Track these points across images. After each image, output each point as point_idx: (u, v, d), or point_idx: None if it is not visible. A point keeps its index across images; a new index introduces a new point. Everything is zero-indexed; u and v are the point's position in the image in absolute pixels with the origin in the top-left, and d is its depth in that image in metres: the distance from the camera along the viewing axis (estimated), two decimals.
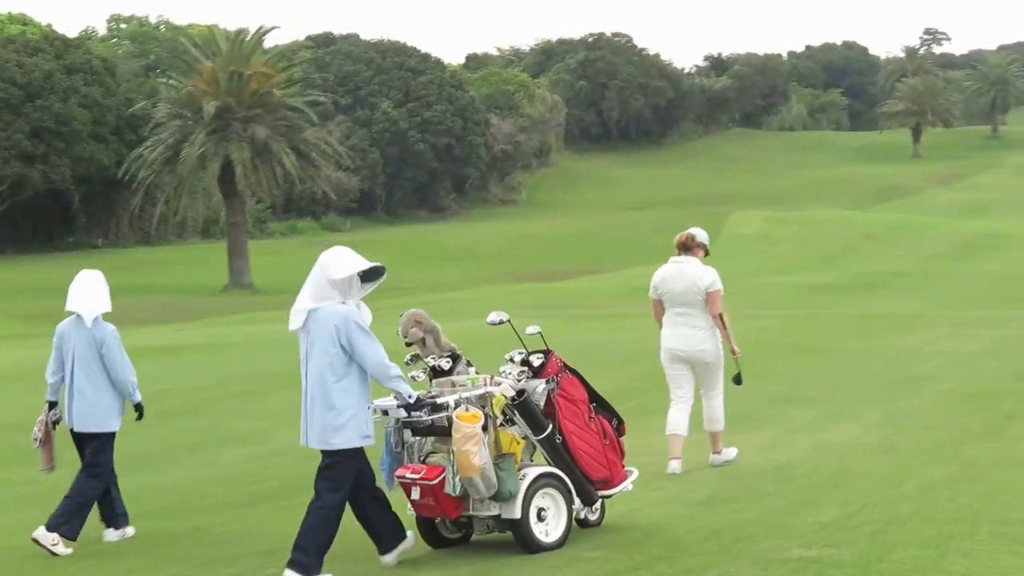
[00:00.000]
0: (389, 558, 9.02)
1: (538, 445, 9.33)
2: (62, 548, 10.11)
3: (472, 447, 8.57)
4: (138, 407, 10.79)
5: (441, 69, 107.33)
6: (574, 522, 9.36)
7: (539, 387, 9.32)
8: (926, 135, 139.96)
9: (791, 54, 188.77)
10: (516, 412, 9.17)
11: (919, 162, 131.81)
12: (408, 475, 8.98)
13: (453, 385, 9.28)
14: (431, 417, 8.81)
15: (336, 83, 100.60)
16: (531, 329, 9.64)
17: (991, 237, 68.68)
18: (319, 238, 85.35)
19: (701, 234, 12.28)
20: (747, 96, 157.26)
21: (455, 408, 8.84)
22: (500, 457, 8.86)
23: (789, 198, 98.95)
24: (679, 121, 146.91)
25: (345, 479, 8.68)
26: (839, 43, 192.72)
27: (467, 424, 8.64)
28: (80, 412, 10.45)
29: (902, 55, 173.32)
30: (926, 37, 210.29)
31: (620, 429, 9.89)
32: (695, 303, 12.06)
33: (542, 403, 9.29)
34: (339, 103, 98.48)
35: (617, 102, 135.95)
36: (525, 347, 9.55)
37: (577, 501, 9.36)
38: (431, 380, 9.51)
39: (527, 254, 72.29)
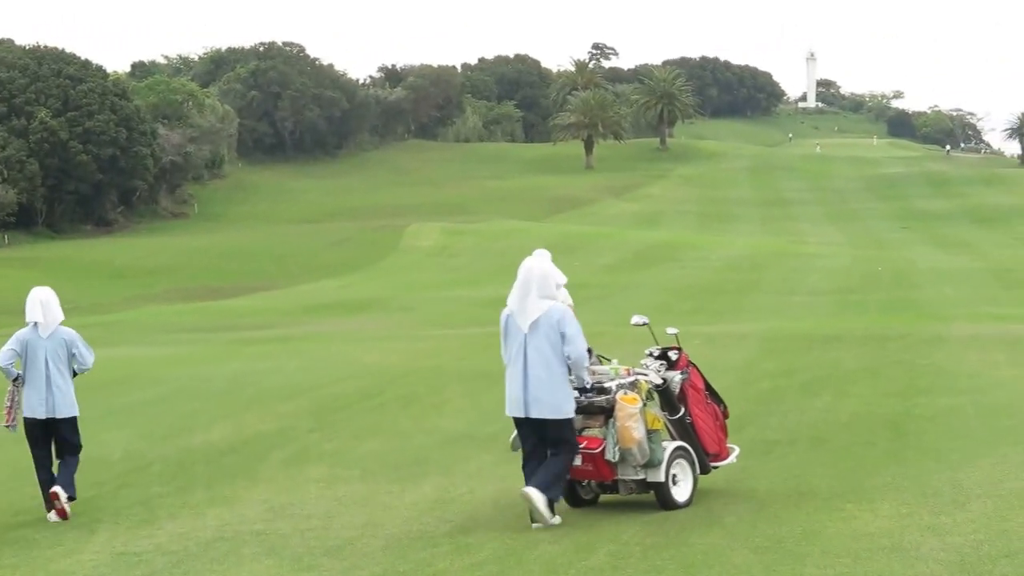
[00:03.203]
0: (536, 496, 10.53)
1: (669, 424, 11.30)
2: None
3: (633, 423, 10.60)
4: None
5: (103, 77, 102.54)
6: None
7: (676, 377, 11.30)
8: (598, 147, 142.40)
9: (465, 66, 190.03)
10: (658, 396, 11.25)
11: (592, 174, 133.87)
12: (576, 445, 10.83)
13: (594, 374, 11.12)
14: (598, 399, 10.83)
15: None
16: (671, 330, 11.79)
17: (664, 248, 69.48)
18: None
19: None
20: (422, 107, 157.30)
21: (616, 392, 10.82)
22: (650, 432, 10.79)
23: (466, 209, 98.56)
24: (354, 132, 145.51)
25: (573, 434, 10.76)
26: (512, 56, 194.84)
27: (629, 405, 10.67)
28: (60, 403, 12.55)
29: (573, 69, 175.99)
30: (595, 51, 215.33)
31: (725, 413, 11.85)
32: None
33: (677, 391, 11.26)
34: None
35: (291, 112, 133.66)
36: (656, 342, 11.73)
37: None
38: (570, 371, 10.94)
39: (196, 270, 69.26)
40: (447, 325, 36.71)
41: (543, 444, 10.82)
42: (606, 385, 10.98)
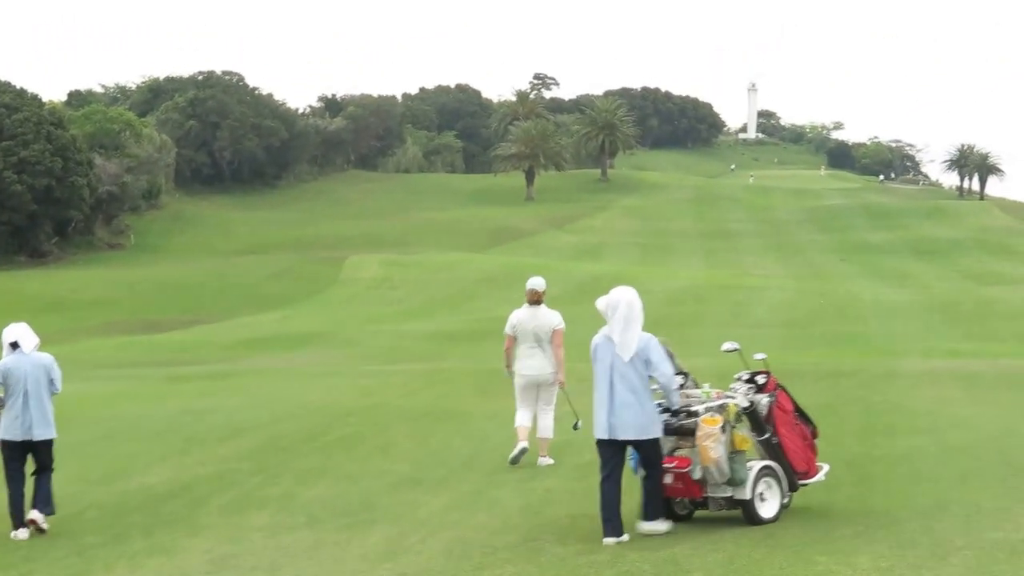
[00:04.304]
0: (646, 527, 11.46)
1: (758, 444, 11.93)
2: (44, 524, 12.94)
3: (711, 443, 11.29)
4: None
5: (39, 106, 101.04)
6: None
7: (764, 400, 11.95)
8: (539, 178, 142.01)
9: (406, 96, 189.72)
10: (747, 418, 11.86)
11: (533, 205, 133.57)
12: (663, 465, 11.59)
13: (687, 397, 11.85)
14: (685, 422, 11.62)
15: None
16: (759, 356, 12.41)
17: (607, 280, 68.72)
18: None
19: (543, 284, 15.73)
20: (362, 137, 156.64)
21: (703, 414, 11.52)
22: (735, 452, 11.52)
23: (406, 241, 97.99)
24: (294, 162, 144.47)
25: (660, 456, 11.53)
26: (453, 85, 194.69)
27: (708, 425, 11.39)
28: (42, 425, 13.07)
29: (514, 98, 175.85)
30: (536, 81, 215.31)
31: (815, 433, 12.48)
32: (544, 339, 15.27)
33: (764, 413, 11.90)
34: None
35: (229, 142, 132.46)
36: (747, 367, 12.34)
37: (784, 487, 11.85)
38: None
39: (133, 303, 68.21)
40: (389, 360, 36.12)
41: (620, 468, 11.48)
42: (695, 408, 11.72)
